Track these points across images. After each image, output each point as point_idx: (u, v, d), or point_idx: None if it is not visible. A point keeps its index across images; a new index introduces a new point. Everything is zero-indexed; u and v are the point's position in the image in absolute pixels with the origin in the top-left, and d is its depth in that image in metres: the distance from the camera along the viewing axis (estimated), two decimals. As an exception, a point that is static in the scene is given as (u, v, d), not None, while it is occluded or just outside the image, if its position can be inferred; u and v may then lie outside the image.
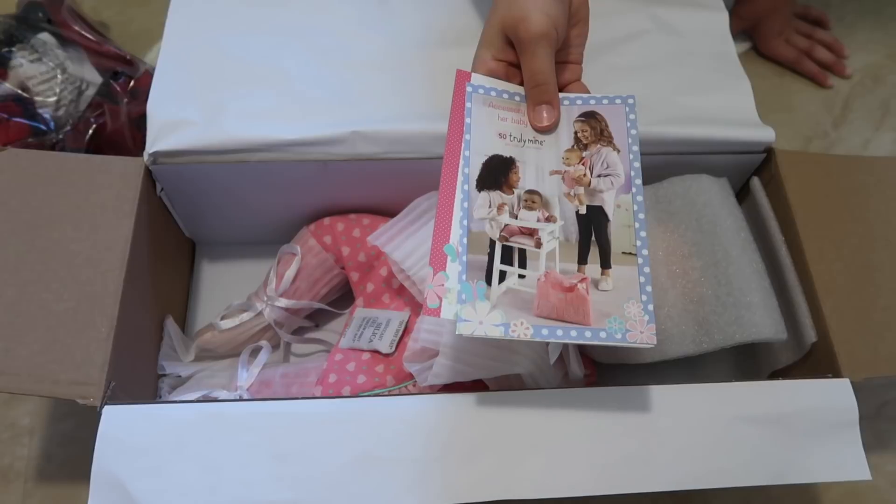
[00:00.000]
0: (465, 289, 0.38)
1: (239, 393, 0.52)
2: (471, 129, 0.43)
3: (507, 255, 0.40)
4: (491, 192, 0.41)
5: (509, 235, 0.40)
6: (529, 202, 0.42)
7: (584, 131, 0.44)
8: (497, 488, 0.39)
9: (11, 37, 0.62)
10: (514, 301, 0.38)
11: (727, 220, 0.49)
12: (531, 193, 0.42)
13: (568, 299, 0.39)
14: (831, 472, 0.41)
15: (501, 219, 0.41)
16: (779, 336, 0.46)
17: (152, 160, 0.49)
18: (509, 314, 0.38)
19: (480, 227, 0.40)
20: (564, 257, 0.40)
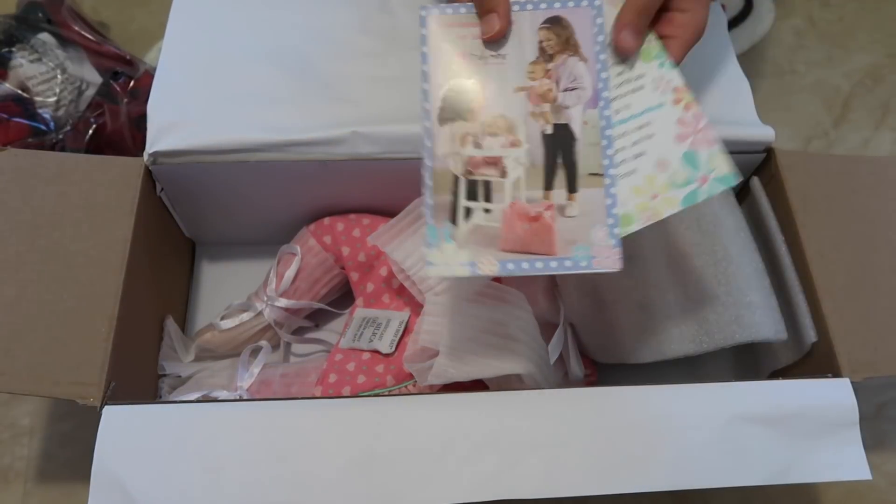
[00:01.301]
0: (430, 231, 0.37)
1: (239, 393, 0.52)
2: (428, 58, 0.41)
3: (472, 189, 0.39)
4: (453, 123, 0.40)
5: (474, 168, 0.39)
6: (493, 127, 0.40)
7: (549, 40, 0.41)
8: (497, 488, 0.39)
9: (11, 37, 0.62)
10: (482, 238, 0.38)
11: (727, 219, 0.49)
12: (495, 118, 0.40)
13: (533, 229, 0.38)
14: (831, 472, 0.41)
15: (465, 151, 0.39)
16: (779, 336, 0.46)
17: (152, 160, 0.49)
18: (476, 252, 0.37)
19: (444, 164, 0.39)
20: (530, 184, 0.39)
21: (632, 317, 0.49)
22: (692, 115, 0.38)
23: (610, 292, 0.50)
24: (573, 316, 0.52)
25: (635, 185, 0.38)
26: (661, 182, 0.37)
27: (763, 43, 0.81)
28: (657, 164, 0.38)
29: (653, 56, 0.40)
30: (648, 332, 0.48)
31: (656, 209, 0.37)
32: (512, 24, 0.41)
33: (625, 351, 0.49)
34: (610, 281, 0.50)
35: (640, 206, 0.37)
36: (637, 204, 0.37)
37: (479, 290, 0.48)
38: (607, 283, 0.50)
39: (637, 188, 0.37)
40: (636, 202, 0.37)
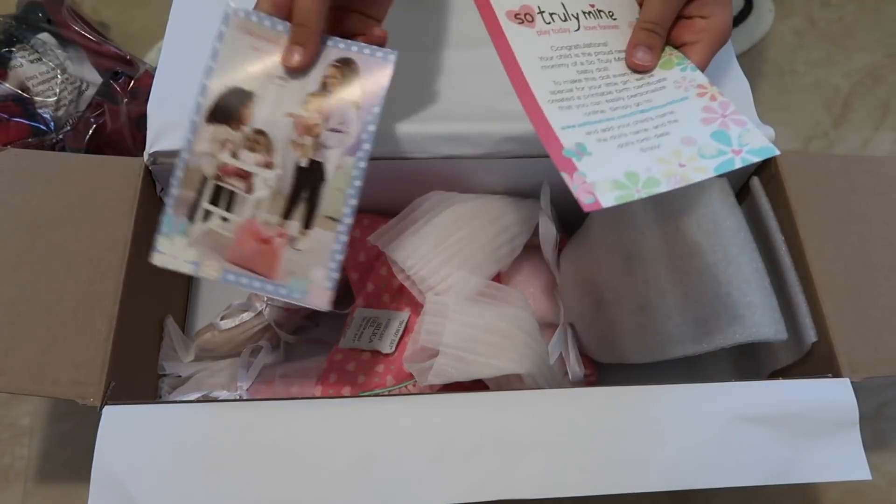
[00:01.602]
0: (167, 221, 0.39)
1: (239, 393, 0.52)
2: (218, 56, 0.41)
3: (216, 194, 0.40)
4: (219, 125, 0.41)
5: (224, 174, 0.40)
6: (253, 143, 0.41)
7: (334, 77, 0.42)
8: (497, 488, 0.39)
9: (11, 37, 0.63)
10: (212, 242, 0.39)
11: (727, 220, 0.49)
12: (258, 134, 0.41)
13: (261, 251, 0.40)
14: (831, 472, 0.41)
15: (221, 156, 0.40)
16: (779, 336, 0.46)
17: (152, 160, 0.49)
18: (203, 253, 0.39)
19: (198, 161, 0.40)
20: (271, 208, 0.40)
21: (632, 317, 0.49)
22: (719, 103, 0.39)
23: (610, 292, 0.50)
24: (573, 316, 0.52)
25: (661, 157, 0.37)
26: (688, 154, 0.37)
27: (763, 43, 0.81)
28: (683, 140, 0.37)
29: (674, 64, 0.41)
30: (648, 332, 0.48)
31: (685, 175, 0.36)
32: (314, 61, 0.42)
33: (625, 351, 0.49)
34: (610, 281, 0.50)
35: (667, 171, 0.36)
36: (663, 170, 0.36)
37: (479, 290, 0.48)
38: (607, 283, 0.50)
39: (662, 159, 0.37)
40: (662, 169, 0.36)
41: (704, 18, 0.43)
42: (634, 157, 0.37)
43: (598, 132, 0.38)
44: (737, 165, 0.36)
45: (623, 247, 0.50)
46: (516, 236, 0.52)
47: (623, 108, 0.39)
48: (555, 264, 0.54)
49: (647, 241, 0.49)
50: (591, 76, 0.41)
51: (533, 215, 0.53)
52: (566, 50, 0.42)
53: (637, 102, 0.40)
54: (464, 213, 0.51)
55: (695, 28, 0.43)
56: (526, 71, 0.41)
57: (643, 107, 0.39)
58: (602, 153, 0.37)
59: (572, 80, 0.41)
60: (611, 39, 0.42)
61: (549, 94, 0.40)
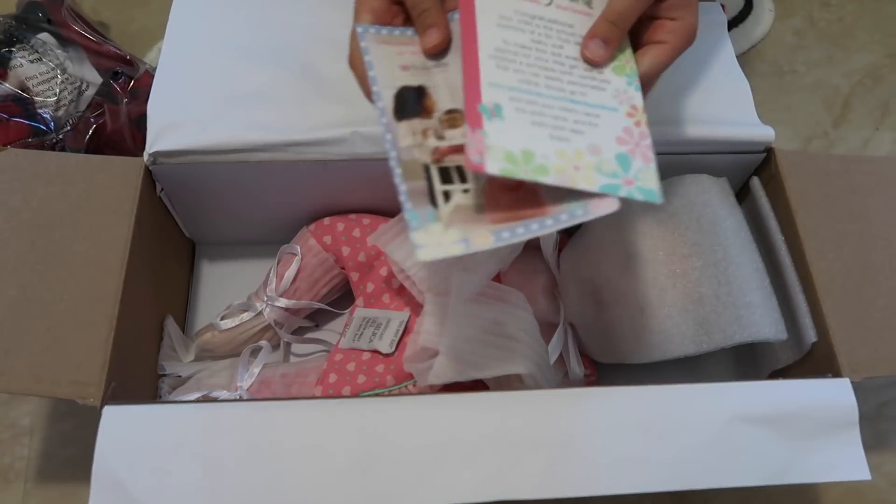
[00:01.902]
0: (412, 216, 0.36)
1: (239, 393, 0.52)
2: (373, 65, 0.41)
3: (445, 174, 0.38)
4: (411, 120, 0.40)
5: (442, 157, 0.39)
6: (451, 120, 0.40)
7: None
8: (497, 489, 0.39)
9: (11, 37, 0.63)
10: (466, 215, 0.37)
11: (727, 219, 0.49)
12: (450, 112, 0.40)
13: (519, 196, 0.37)
14: (831, 472, 0.41)
15: (428, 143, 0.39)
16: (779, 336, 0.46)
17: (152, 160, 0.49)
18: (465, 229, 0.36)
19: (410, 154, 0.39)
20: None
21: (632, 317, 0.49)
22: (640, 132, 0.39)
23: (610, 292, 0.50)
24: (573, 316, 0.52)
25: (561, 150, 0.37)
26: (587, 161, 0.37)
27: (763, 43, 0.81)
28: (590, 147, 0.37)
29: (625, 73, 0.41)
30: (648, 332, 0.48)
31: (573, 178, 0.36)
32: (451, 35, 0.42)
33: (625, 351, 0.49)
34: (610, 281, 0.50)
35: (559, 167, 0.37)
36: (557, 164, 0.37)
37: (479, 290, 0.48)
38: (607, 283, 0.50)
39: (562, 153, 0.37)
40: (557, 162, 0.37)
41: (673, 20, 0.43)
42: (540, 139, 0.37)
43: (522, 102, 0.38)
44: (619, 194, 0.36)
45: (623, 247, 0.50)
46: (516, 236, 0.52)
47: (557, 91, 0.39)
48: (555, 264, 0.54)
49: (647, 241, 0.49)
50: (543, 49, 0.41)
51: (533, 215, 0.52)
52: (529, 18, 0.42)
53: (572, 91, 0.39)
54: (464, 213, 0.51)
55: (664, 28, 0.43)
56: (480, 23, 0.41)
57: (576, 97, 0.39)
58: (514, 123, 0.37)
59: (522, 46, 0.40)
60: (578, 24, 0.42)
61: (493, 50, 0.40)
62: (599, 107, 0.39)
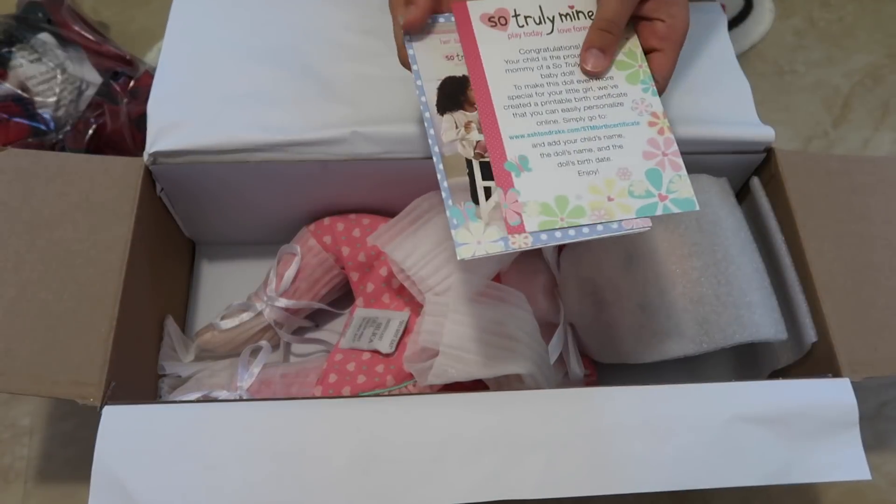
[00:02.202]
0: (454, 213, 0.37)
1: (239, 393, 0.52)
2: (416, 59, 0.42)
3: (486, 170, 0.38)
4: (453, 113, 0.40)
5: (484, 151, 0.39)
6: None
7: None
8: (497, 488, 0.39)
9: (11, 37, 0.63)
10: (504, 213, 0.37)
11: (727, 219, 0.49)
12: None
13: None
14: (831, 472, 0.41)
15: (471, 136, 0.39)
16: (779, 336, 0.46)
17: (152, 160, 0.49)
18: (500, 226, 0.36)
19: (452, 149, 0.39)
20: None
21: (632, 317, 0.49)
22: (664, 139, 0.39)
23: (610, 292, 0.50)
24: (573, 316, 0.52)
25: (593, 185, 0.38)
26: (619, 187, 0.38)
27: (763, 43, 0.81)
28: (619, 171, 0.38)
29: (639, 80, 0.41)
30: (648, 332, 0.48)
31: (609, 210, 0.37)
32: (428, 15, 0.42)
33: (625, 351, 0.49)
34: (610, 281, 0.50)
35: (594, 203, 0.37)
36: (591, 201, 0.37)
37: (479, 290, 0.48)
38: (607, 283, 0.50)
39: (594, 187, 0.37)
40: (591, 199, 0.37)
41: (664, 22, 0.43)
42: (570, 179, 0.38)
43: (545, 145, 0.39)
44: (657, 212, 0.37)
45: (623, 247, 0.50)
46: (516, 236, 0.52)
47: (576, 121, 0.39)
48: (555, 264, 0.54)
49: (647, 241, 0.49)
50: (555, 81, 0.41)
51: (533, 215, 0.53)
52: (535, 53, 0.42)
53: (591, 116, 0.40)
54: (464, 213, 0.51)
55: (658, 34, 0.43)
56: (489, 75, 0.41)
57: (595, 122, 0.39)
58: (541, 170, 0.38)
59: (534, 85, 0.41)
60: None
61: (506, 100, 0.40)
62: (621, 125, 0.39)
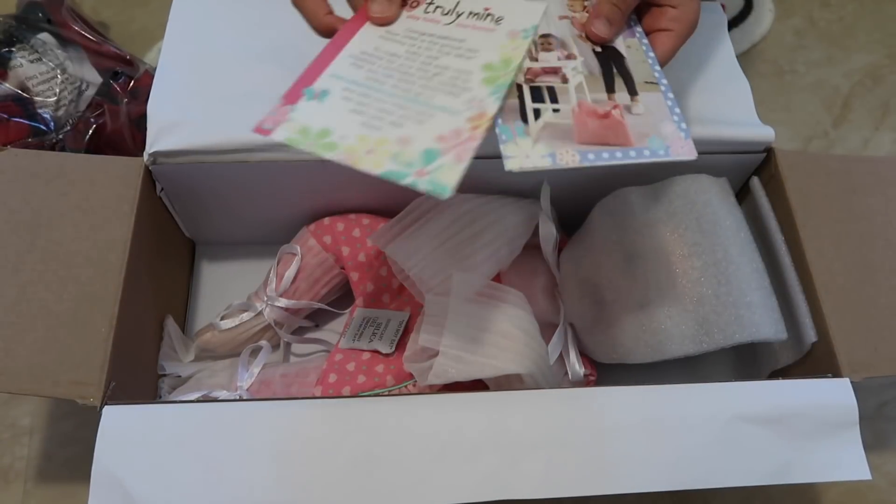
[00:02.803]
0: (503, 130, 0.38)
1: (239, 393, 0.52)
2: None
3: (536, 94, 0.40)
4: None
5: (534, 77, 0.40)
6: (545, 45, 0.42)
7: None
8: (497, 488, 0.39)
9: (11, 37, 0.62)
10: (554, 133, 0.38)
11: (727, 219, 0.49)
12: (545, 37, 0.42)
13: (605, 124, 0.39)
14: (831, 472, 0.41)
15: (523, 63, 0.41)
16: (779, 336, 0.46)
17: (152, 160, 0.49)
18: (552, 144, 0.37)
19: None
20: (592, 88, 0.41)
21: (632, 317, 0.49)
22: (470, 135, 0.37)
23: (610, 292, 0.50)
24: (573, 316, 0.52)
25: (363, 135, 0.37)
26: (386, 148, 0.36)
27: (763, 43, 0.81)
28: (401, 138, 0.36)
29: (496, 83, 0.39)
30: (648, 332, 0.48)
31: (358, 159, 0.36)
32: None
33: (625, 351, 0.49)
34: (610, 281, 0.50)
35: (350, 147, 0.36)
36: (349, 145, 0.36)
37: (479, 290, 0.48)
38: (607, 283, 0.50)
39: (363, 137, 0.36)
40: (350, 143, 0.36)
41: (675, 8, 0.45)
42: (348, 123, 0.37)
43: (354, 93, 0.39)
44: (404, 182, 0.35)
45: (623, 247, 0.50)
46: (516, 236, 0.52)
47: (402, 91, 0.39)
48: (555, 264, 0.54)
49: (647, 241, 0.49)
50: (414, 58, 0.41)
51: (533, 215, 0.53)
52: (417, 34, 0.42)
53: (419, 93, 0.39)
54: (464, 213, 0.51)
55: (666, 16, 0.45)
56: (362, 31, 0.42)
57: (419, 98, 0.39)
58: (331, 107, 0.38)
59: (392, 54, 0.41)
60: (472, 39, 0.42)
61: (357, 51, 0.41)
62: (440, 108, 0.38)
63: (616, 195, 0.51)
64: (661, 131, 0.39)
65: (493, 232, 0.51)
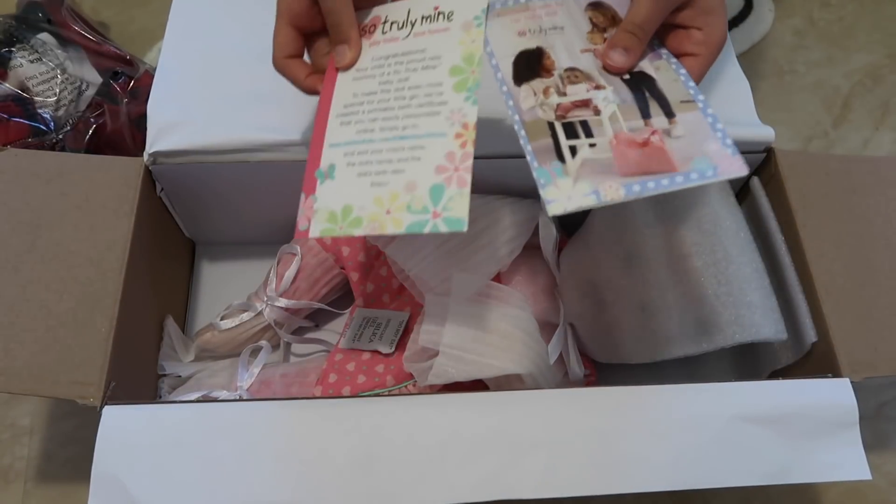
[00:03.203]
0: (540, 174, 0.37)
1: (239, 393, 0.52)
2: (489, 40, 0.42)
3: (570, 130, 0.39)
4: (531, 82, 0.41)
5: (565, 113, 0.39)
6: (572, 77, 0.41)
7: (597, 17, 0.43)
8: (497, 488, 0.39)
9: (11, 37, 0.63)
10: (595, 169, 0.37)
11: (727, 220, 0.49)
12: (570, 70, 0.41)
13: (646, 153, 0.37)
14: (831, 472, 0.41)
15: (551, 101, 0.40)
16: (779, 336, 0.46)
17: (152, 160, 0.49)
18: (594, 181, 0.36)
19: (533, 115, 0.39)
20: (627, 117, 0.39)
21: (632, 317, 0.49)
22: (463, 153, 0.38)
23: (610, 292, 0.50)
24: (573, 316, 0.52)
25: (378, 197, 0.38)
26: (400, 201, 0.37)
27: (763, 43, 0.81)
28: (407, 184, 0.38)
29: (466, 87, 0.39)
30: (648, 332, 0.48)
31: (381, 223, 0.37)
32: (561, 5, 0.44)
33: (625, 351, 0.49)
34: (610, 281, 0.50)
35: (373, 215, 0.38)
36: (371, 213, 0.38)
37: (479, 290, 0.48)
38: (607, 284, 0.50)
39: (379, 199, 0.38)
40: (371, 210, 0.38)
41: (701, 30, 0.43)
42: (362, 190, 0.38)
43: (354, 154, 0.40)
44: (424, 230, 0.36)
45: (623, 247, 0.50)
46: (516, 236, 0.52)
47: (390, 130, 0.40)
48: (555, 264, 0.54)
49: (647, 241, 0.49)
50: (388, 88, 0.41)
51: (533, 215, 0.53)
52: (383, 60, 0.42)
53: (405, 126, 0.39)
54: (464, 213, 0.51)
55: (693, 39, 0.43)
56: (338, 84, 0.42)
57: (406, 132, 0.39)
58: (343, 179, 0.39)
59: (369, 93, 0.41)
60: (432, 45, 0.42)
61: (342, 108, 0.41)
62: (427, 136, 0.39)
63: (616, 195, 0.51)
64: (705, 151, 0.37)
65: (493, 232, 0.51)
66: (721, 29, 0.43)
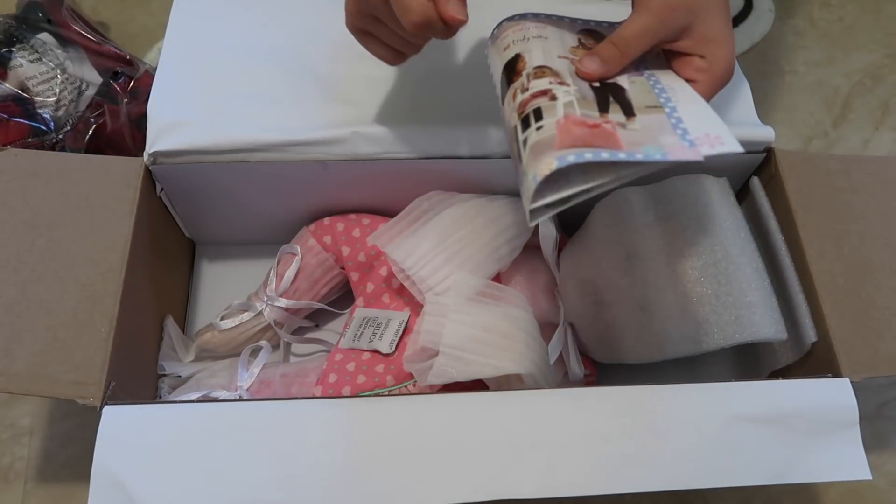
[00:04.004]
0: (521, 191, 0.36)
1: (239, 393, 0.52)
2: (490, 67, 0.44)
3: (525, 124, 0.36)
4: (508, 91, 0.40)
5: (524, 108, 0.37)
6: (538, 73, 0.39)
7: (587, 40, 0.43)
8: (497, 488, 0.39)
9: (11, 37, 0.63)
10: (538, 151, 0.34)
11: (727, 220, 0.49)
12: (539, 68, 0.39)
13: (594, 132, 0.35)
14: (831, 472, 0.41)
15: (516, 101, 0.38)
16: (779, 336, 0.46)
17: (152, 160, 0.49)
18: (535, 167, 0.34)
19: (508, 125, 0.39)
20: (584, 107, 0.36)
21: (632, 317, 0.49)
22: None
23: (610, 292, 0.50)
24: (573, 316, 0.52)
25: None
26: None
27: (763, 43, 0.81)
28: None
29: None
30: (648, 332, 0.48)
31: None
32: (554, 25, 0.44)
33: (625, 351, 0.49)
34: (610, 281, 0.50)
35: None
36: None
37: (479, 290, 0.48)
38: (607, 284, 0.50)
39: None
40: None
41: (703, 58, 0.41)
42: None
43: None
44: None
45: (623, 247, 0.50)
46: (516, 236, 0.52)
47: None
48: (555, 264, 0.54)
49: (647, 241, 0.49)
50: None
51: (533, 215, 0.53)
52: None
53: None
54: (464, 213, 0.51)
55: (694, 66, 0.41)
56: None
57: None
58: None
59: None
60: None
61: None
62: None
63: (616, 195, 0.51)
64: (660, 142, 0.34)
65: (492, 232, 0.51)
66: (724, 59, 0.41)
